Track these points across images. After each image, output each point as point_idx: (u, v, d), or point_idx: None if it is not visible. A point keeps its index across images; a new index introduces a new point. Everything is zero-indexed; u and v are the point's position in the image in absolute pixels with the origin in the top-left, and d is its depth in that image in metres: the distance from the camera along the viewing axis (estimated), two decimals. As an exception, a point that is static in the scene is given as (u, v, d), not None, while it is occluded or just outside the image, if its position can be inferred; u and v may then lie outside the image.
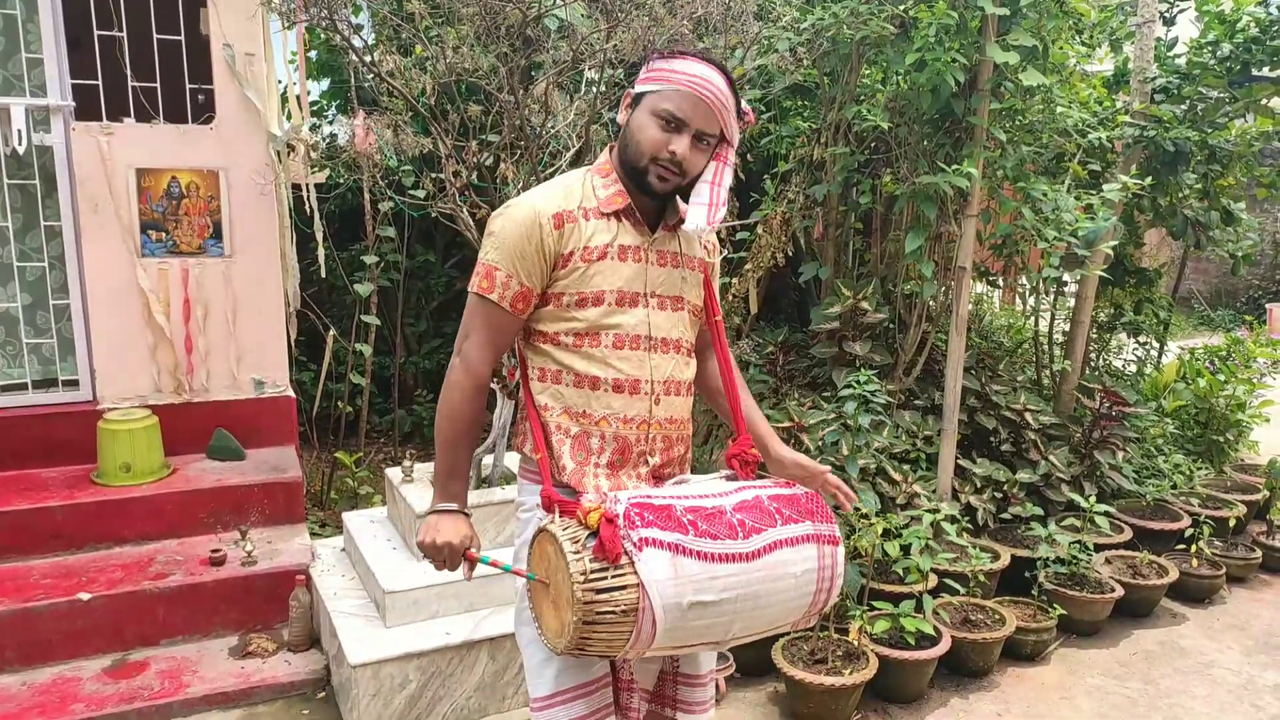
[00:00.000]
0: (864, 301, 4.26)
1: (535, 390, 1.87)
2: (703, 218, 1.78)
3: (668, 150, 1.76)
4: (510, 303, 1.80)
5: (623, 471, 1.84)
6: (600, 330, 1.80)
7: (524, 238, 1.77)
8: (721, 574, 1.65)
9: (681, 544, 1.63)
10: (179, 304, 3.98)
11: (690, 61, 1.77)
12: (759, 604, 1.71)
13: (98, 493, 3.60)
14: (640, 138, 1.78)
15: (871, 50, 4.15)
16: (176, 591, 3.30)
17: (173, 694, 3.02)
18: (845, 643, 3.20)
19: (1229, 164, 4.78)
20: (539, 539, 1.72)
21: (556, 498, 1.74)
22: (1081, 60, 4.87)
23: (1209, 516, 4.36)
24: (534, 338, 1.87)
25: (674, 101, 1.75)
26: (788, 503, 1.81)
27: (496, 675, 3.06)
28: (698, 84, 1.74)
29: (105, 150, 3.77)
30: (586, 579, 1.58)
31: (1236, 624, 3.91)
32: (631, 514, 1.63)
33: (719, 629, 1.69)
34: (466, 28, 3.47)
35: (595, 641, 1.61)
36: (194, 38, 4.00)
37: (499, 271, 1.79)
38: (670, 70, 1.77)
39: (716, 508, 1.72)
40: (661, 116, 1.76)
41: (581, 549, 1.61)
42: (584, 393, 1.81)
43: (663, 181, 1.79)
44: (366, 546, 3.41)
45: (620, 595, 1.59)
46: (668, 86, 1.76)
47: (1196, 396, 5.37)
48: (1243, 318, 10.04)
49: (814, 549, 1.78)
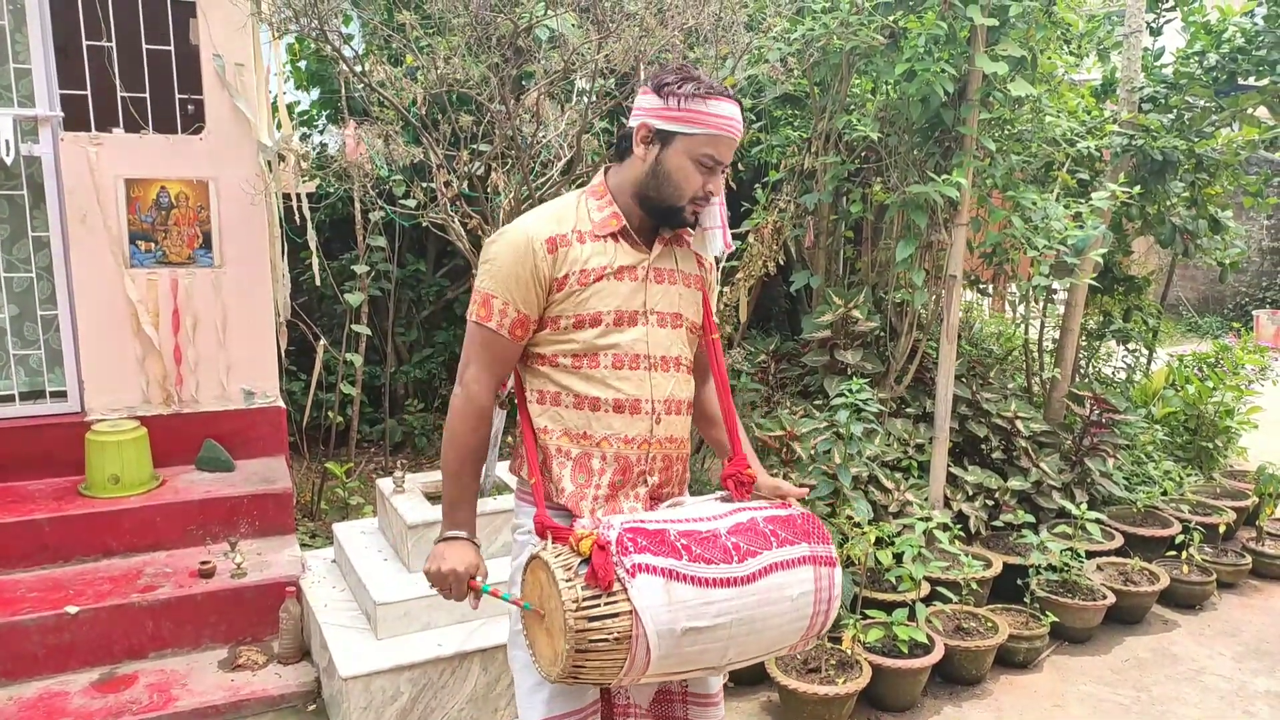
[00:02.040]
0: (855, 310, 4.27)
1: (534, 413, 1.86)
2: (720, 242, 1.91)
3: (704, 190, 1.81)
4: (509, 330, 1.80)
5: (621, 493, 1.83)
6: (599, 351, 1.80)
7: (518, 264, 1.77)
8: (716, 599, 1.63)
9: (675, 569, 1.61)
10: (168, 314, 3.96)
11: (722, 103, 1.77)
12: (755, 628, 1.70)
13: (86, 505, 3.57)
14: (680, 179, 1.78)
15: (861, 60, 4.17)
16: (165, 604, 3.27)
17: (161, 708, 2.99)
18: (839, 651, 3.20)
19: (1216, 173, 4.82)
20: (532, 565, 1.71)
21: (549, 524, 1.73)
22: (1070, 70, 4.90)
23: (1199, 523, 4.37)
24: (532, 360, 1.86)
25: (714, 147, 1.78)
26: (784, 524, 1.79)
27: (489, 687, 3.04)
28: (732, 127, 1.79)
29: (94, 160, 3.76)
30: (579, 606, 1.57)
31: (1227, 630, 3.92)
32: (625, 540, 1.62)
33: (714, 654, 1.68)
34: (457, 38, 3.47)
35: (588, 669, 1.60)
36: (184, 48, 3.99)
37: (495, 300, 1.79)
38: (705, 114, 1.76)
39: (711, 531, 1.70)
40: (703, 162, 1.78)
41: (574, 576, 1.60)
42: (584, 414, 1.81)
43: (695, 215, 1.86)
44: (357, 558, 3.39)
45: (613, 623, 1.57)
46: (704, 131, 1.76)
47: (1186, 403, 5.40)
48: (1230, 324, 10.11)
49: (810, 571, 1.76)
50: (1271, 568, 4.42)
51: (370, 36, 4.56)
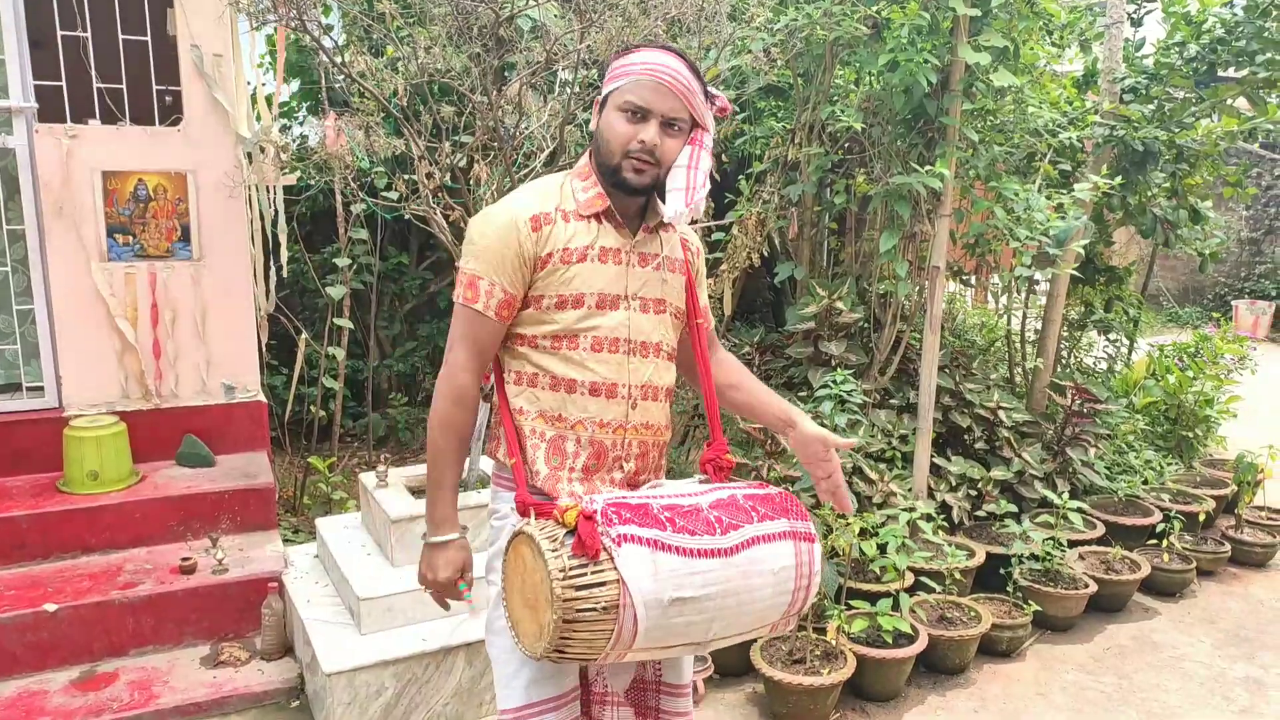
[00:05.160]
0: (839, 301, 4.27)
1: (511, 394, 1.85)
2: (680, 202, 1.77)
3: (637, 141, 1.75)
4: (496, 311, 1.78)
5: (597, 476, 1.82)
6: (579, 333, 1.79)
7: (502, 243, 1.76)
8: (701, 569, 1.64)
9: (660, 539, 1.61)
10: (146, 308, 3.91)
11: (645, 50, 1.76)
12: (739, 601, 1.70)
13: (64, 501, 3.53)
14: (609, 135, 1.77)
15: (845, 51, 4.17)
16: (146, 601, 3.24)
17: (143, 705, 2.96)
18: (823, 642, 3.21)
19: (1196, 163, 4.85)
20: (515, 542, 1.70)
21: (531, 501, 1.72)
22: (1052, 61, 4.92)
23: (1179, 511, 4.41)
24: (512, 341, 1.84)
25: (635, 92, 1.74)
26: (763, 501, 1.80)
27: (474, 680, 3.03)
28: (655, 69, 1.74)
29: (69, 152, 3.70)
30: (566, 576, 1.56)
31: (1207, 617, 3.96)
32: (609, 511, 1.62)
33: (699, 628, 1.68)
34: (438, 28, 3.44)
35: (575, 642, 1.59)
36: (160, 38, 3.94)
37: (482, 281, 1.77)
38: (628, 63, 1.77)
39: (693, 505, 1.71)
40: (626, 109, 1.75)
41: (560, 546, 1.59)
42: (560, 395, 1.80)
43: (639, 174, 1.77)
44: (340, 553, 3.37)
45: (601, 591, 1.56)
46: (628, 79, 1.76)
47: (1166, 393, 5.44)
48: (1210, 315, 10.19)
49: (791, 546, 1.77)
50: (1250, 555, 4.47)
51: (350, 26, 4.51)
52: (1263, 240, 11.77)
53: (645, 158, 1.76)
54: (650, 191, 1.81)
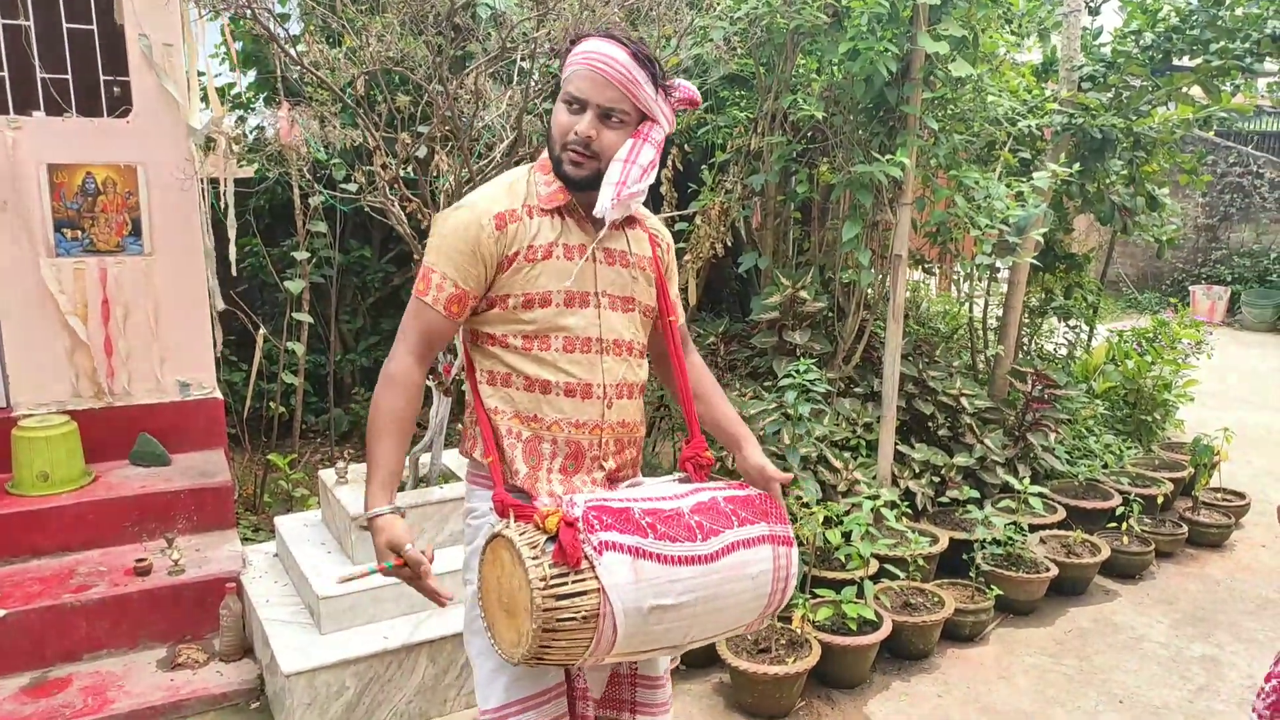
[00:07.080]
0: (803, 290, 4.27)
1: (485, 394, 1.81)
2: (609, 197, 1.72)
3: (573, 132, 1.72)
4: (444, 305, 1.75)
5: (576, 476, 1.80)
6: (550, 333, 1.76)
7: (462, 239, 1.73)
8: (682, 576, 1.62)
9: (641, 547, 1.60)
10: (97, 304, 3.82)
11: (589, 40, 1.74)
12: (717, 606, 1.69)
13: (13, 503, 3.44)
14: (554, 129, 1.75)
15: (805, 39, 4.16)
16: (100, 604, 3.17)
17: (97, 710, 2.90)
18: (789, 631, 3.21)
19: (1153, 151, 4.91)
20: (493, 545, 1.66)
21: (510, 502, 1.68)
22: (1011, 49, 4.95)
23: (1138, 494, 4.48)
24: (482, 340, 1.81)
25: (574, 83, 1.73)
26: (743, 504, 1.80)
27: (437, 678, 3.00)
28: (593, 59, 1.71)
29: (13, 145, 3.60)
30: (547, 585, 1.53)
31: (1165, 598, 4.03)
32: (590, 517, 1.59)
33: (677, 633, 1.67)
34: (391, 15, 3.38)
35: (554, 650, 1.57)
36: (107, 27, 3.83)
37: (434, 274, 1.75)
38: (573, 54, 1.74)
39: (675, 510, 1.69)
40: (565, 100, 1.74)
41: (540, 554, 1.56)
42: (534, 396, 1.77)
43: (576, 166, 1.73)
44: (300, 551, 3.32)
45: (581, 601, 1.54)
46: (570, 69, 1.74)
47: (1125, 378, 5.52)
48: (1168, 300, 10.36)
49: (770, 549, 1.77)
50: (1206, 536, 4.55)
51: (307, 15, 4.42)
52: (1219, 226, 11.98)
53: (580, 149, 1.72)
54: (594, 185, 1.76)
